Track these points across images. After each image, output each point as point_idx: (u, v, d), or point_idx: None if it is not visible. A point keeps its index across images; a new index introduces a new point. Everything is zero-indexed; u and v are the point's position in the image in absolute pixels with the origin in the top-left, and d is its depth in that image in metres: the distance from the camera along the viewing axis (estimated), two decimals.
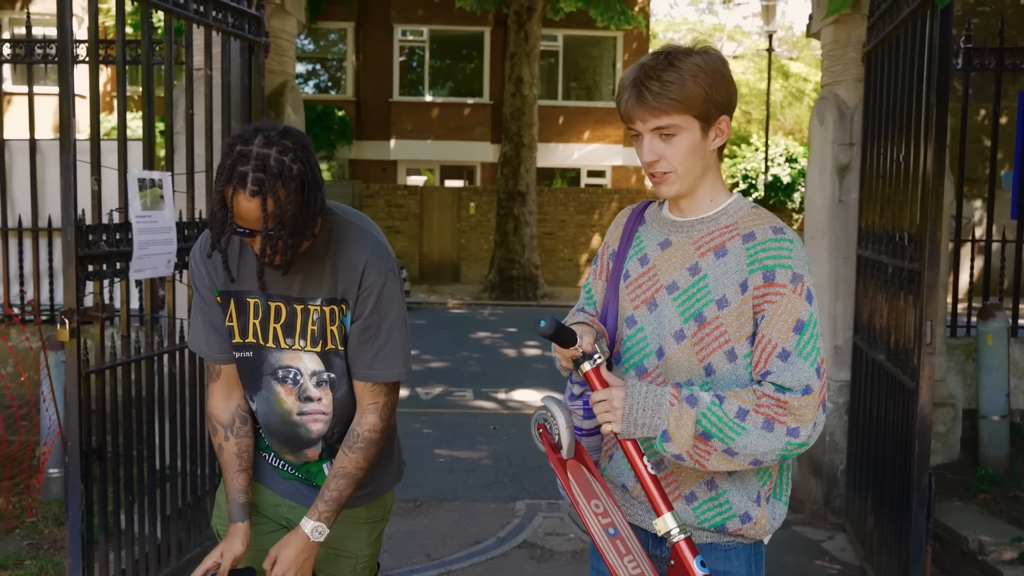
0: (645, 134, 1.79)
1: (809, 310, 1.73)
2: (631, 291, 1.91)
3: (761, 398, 1.69)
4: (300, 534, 2.08)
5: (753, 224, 1.81)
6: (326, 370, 2.10)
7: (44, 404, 4.57)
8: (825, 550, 4.67)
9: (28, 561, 3.93)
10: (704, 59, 1.76)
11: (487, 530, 4.91)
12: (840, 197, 5.03)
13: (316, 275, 2.04)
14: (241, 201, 1.83)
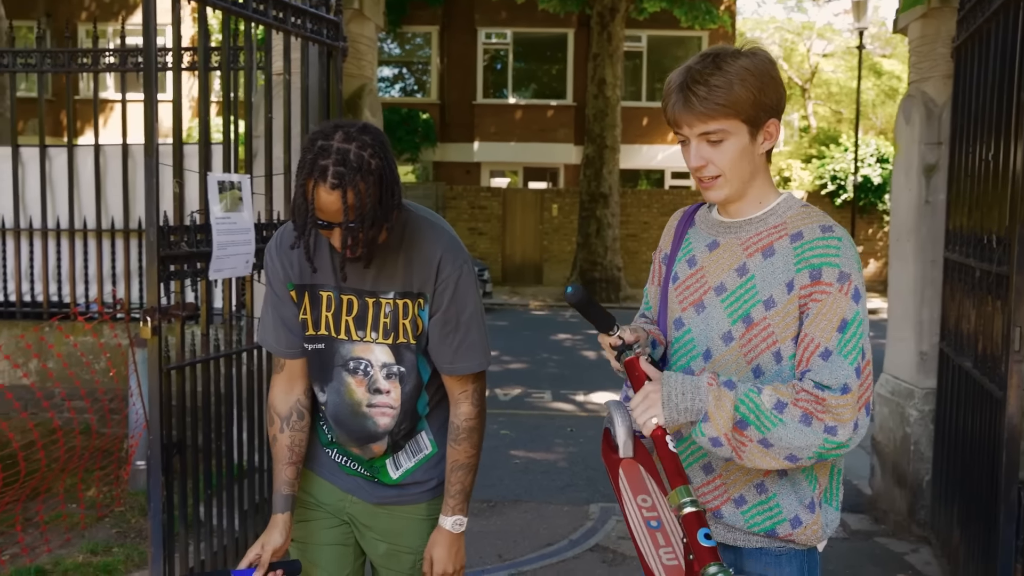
0: (692, 139, 1.76)
1: (855, 309, 1.68)
2: (679, 293, 1.89)
3: (800, 393, 1.65)
4: (443, 532, 2.19)
5: (802, 223, 1.76)
6: (396, 363, 2.12)
7: (132, 399, 4.74)
8: (908, 563, 4.51)
9: (116, 548, 4.08)
10: (752, 61, 1.72)
11: (559, 532, 4.89)
12: (927, 198, 4.86)
13: (389, 269, 2.08)
14: (322, 194, 1.87)
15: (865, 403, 1.66)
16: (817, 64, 28.93)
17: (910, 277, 4.98)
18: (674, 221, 2.02)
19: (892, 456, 5.11)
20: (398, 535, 2.25)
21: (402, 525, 2.25)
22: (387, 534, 2.27)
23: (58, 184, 5.96)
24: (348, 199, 1.86)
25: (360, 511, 2.26)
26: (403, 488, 2.24)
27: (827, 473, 1.81)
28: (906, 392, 5.00)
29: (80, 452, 4.93)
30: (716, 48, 1.78)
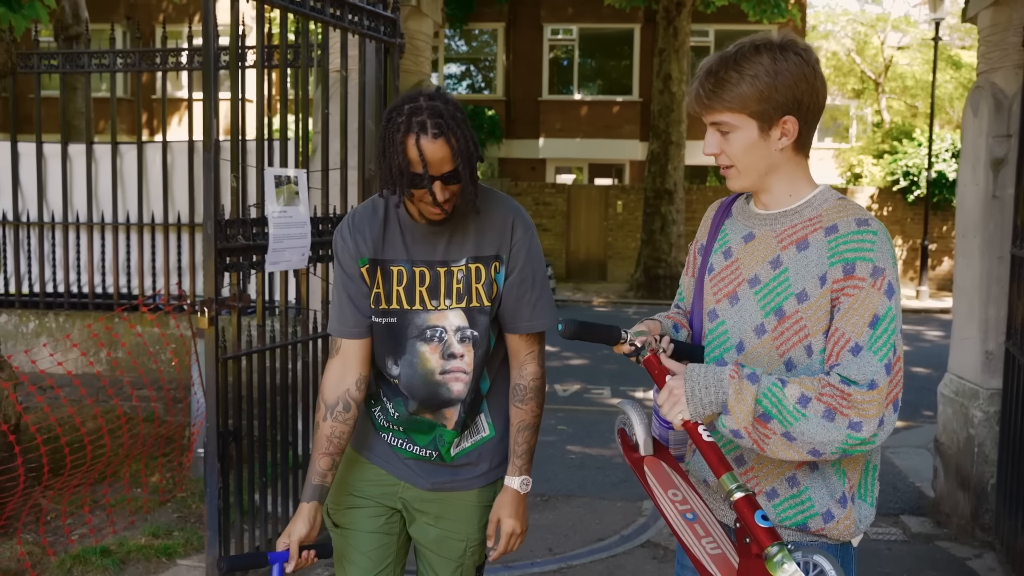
0: (708, 127, 1.81)
1: (887, 305, 1.65)
2: (714, 284, 1.89)
3: (825, 387, 1.63)
4: (510, 491, 2.25)
5: (837, 216, 1.74)
6: (470, 327, 2.18)
7: (194, 388, 4.88)
8: (970, 568, 4.39)
9: (176, 532, 4.21)
10: (773, 57, 1.72)
11: (611, 528, 4.89)
12: (994, 192, 4.71)
13: (459, 236, 2.15)
14: (425, 145, 1.95)
15: (893, 400, 1.64)
16: (891, 57, 28.17)
17: (976, 274, 4.84)
18: (711, 212, 2.02)
19: (956, 458, 4.97)
20: (450, 521, 2.30)
21: (454, 511, 2.29)
22: (439, 520, 2.30)
23: (128, 180, 6.16)
24: (452, 143, 1.97)
25: (413, 497, 2.30)
26: (456, 472, 2.28)
27: (860, 468, 1.79)
28: (971, 392, 4.86)
29: (144, 439, 5.10)
30: (756, 39, 1.77)
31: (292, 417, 4.16)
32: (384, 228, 2.16)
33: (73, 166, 6.20)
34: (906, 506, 5.38)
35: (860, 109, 30.99)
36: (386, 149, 1.99)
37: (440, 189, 2.00)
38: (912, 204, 19.06)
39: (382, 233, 2.17)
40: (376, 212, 2.17)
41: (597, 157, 22.49)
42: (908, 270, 19.40)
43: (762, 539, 1.55)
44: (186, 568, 3.91)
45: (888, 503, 5.43)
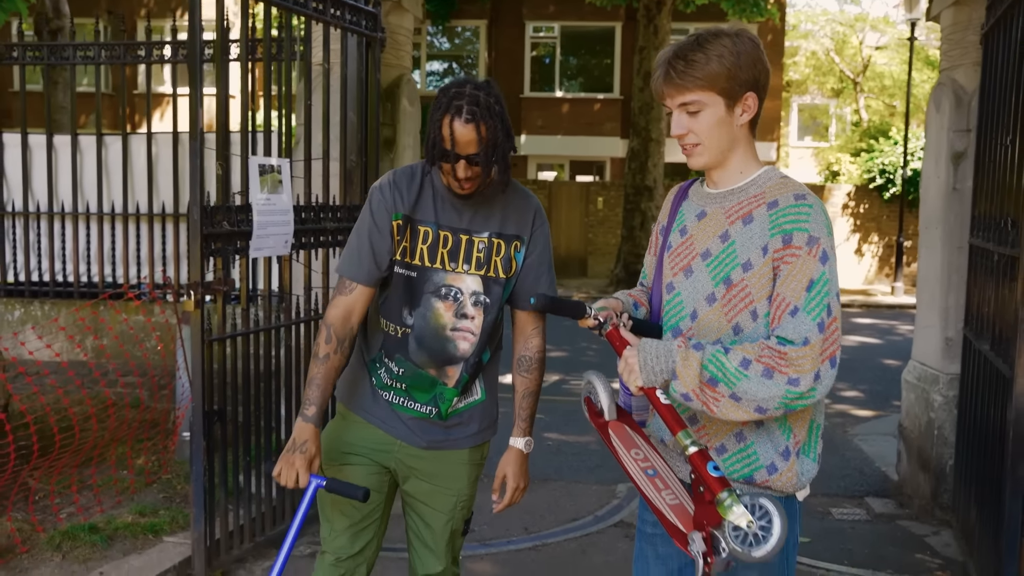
0: (674, 110, 1.94)
1: (821, 270, 1.81)
2: (671, 260, 2.06)
3: (764, 350, 1.79)
4: (515, 451, 2.50)
5: (778, 193, 1.90)
6: (484, 293, 2.40)
7: (179, 373, 4.99)
8: (928, 545, 4.57)
9: (162, 511, 4.33)
10: (733, 40, 1.89)
11: (585, 509, 5.04)
12: (955, 185, 4.89)
13: (484, 212, 2.40)
14: (458, 127, 2.20)
15: (830, 356, 1.79)
16: (870, 57, 28.50)
17: (937, 264, 5.02)
18: (671, 196, 2.18)
19: (917, 441, 5.16)
20: (442, 477, 2.50)
21: (446, 468, 2.49)
22: (431, 476, 2.50)
23: (113, 171, 6.25)
24: (481, 132, 2.20)
25: (407, 455, 2.48)
26: (449, 432, 2.48)
27: (804, 426, 1.94)
28: (931, 378, 5.04)
29: (130, 424, 5.20)
30: (706, 30, 1.94)
31: (276, 401, 4.28)
32: (419, 191, 2.39)
33: (58, 157, 6.28)
34: (871, 489, 5.56)
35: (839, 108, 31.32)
36: (430, 122, 2.25)
37: (463, 167, 2.24)
38: (888, 201, 19.33)
39: (417, 195, 2.38)
40: (415, 177, 2.41)
41: (578, 154, 22.66)
42: (883, 267, 19.67)
43: (714, 486, 1.72)
44: (172, 544, 4.02)
45: (854, 486, 5.61)
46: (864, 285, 19.41)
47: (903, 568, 4.27)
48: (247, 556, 4.10)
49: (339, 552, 2.51)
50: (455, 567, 2.66)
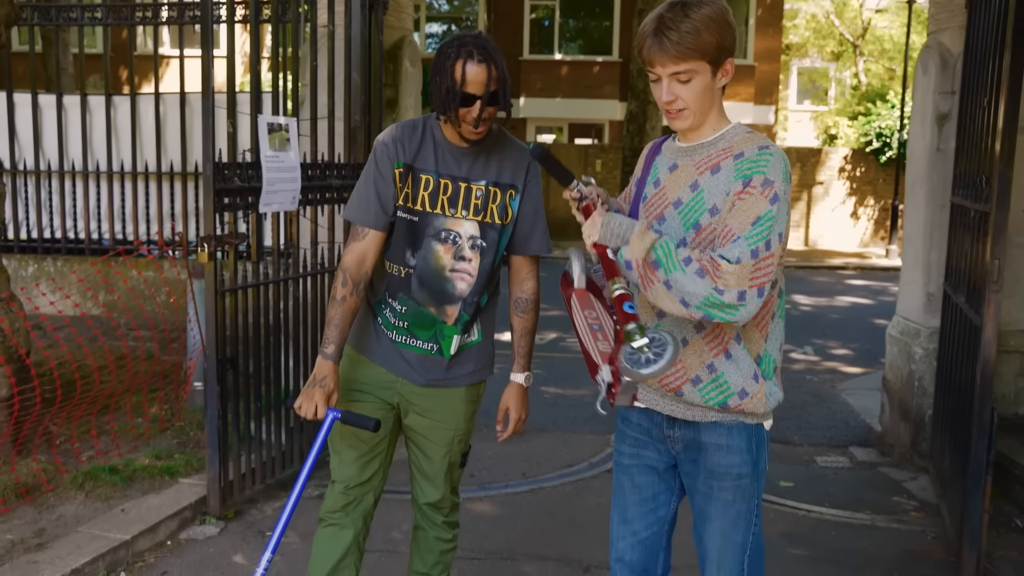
0: (664, 78, 2.05)
1: (768, 208, 1.97)
2: (646, 209, 2.22)
3: (705, 257, 1.97)
4: (515, 386, 2.72)
5: (744, 145, 2.07)
6: (480, 237, 2.58)
7: (190, 325, 5.19)
8: (905, 489, 4.80)
9: (176, 455, 4.54)
10: (712, 9, 2.01)
11: (580, 456, 5.26)
12: (939, 145, 5.06)
13: (482, 162, 2.56)
14: (470, 68, 2.36)
15: (758, 285, 1.95)
16: (870, 20, 28.41)
17: (921, 221, 5.21)
18: (645, 151, 2.35)
19: (899, 393, 5.38)
20: (440, 413, 2.70)
21: (444, 404, 2.69)
22: (430, 412, 2.70)
23: (122, 131, 6.40)
24: (492, 71, 2.38)
25: (409, 392, 2.68)
26: (449, 371, 2.67)
27: (759, 353, 2.13)
28: (913, 331, 5.25)
29: (141, 377, 5.41)
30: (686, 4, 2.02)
31: (284, 352, 4.47)
32: (421, 142, 2.56)
33: (68, 117, 6.43)
34: (855, 439, 5.79)
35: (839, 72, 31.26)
36: (436, 76, 2.40)
37: (478, 108, 2.39)
38: (884, 165, 19.44)
39: (419, 146, 2.56)
40: (416, 129, 2.57)
41: (577, 117, 22.70)
42: (879, 230, 19.83)
43: (623, 319, 1.92)
44: (187, 485, 4.24)
45: (839, 437, 5.84)
46: (859, 248, 19.58)
47: (880, 510, 4.50)
48: (258, 497, 4.33)
49: (348, 481, 2.71)
50: (454, 496, 2.88)
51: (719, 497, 2.19)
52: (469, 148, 2.55)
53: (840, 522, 4.36)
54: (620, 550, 2.36)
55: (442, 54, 2.41)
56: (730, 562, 2.22)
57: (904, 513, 4.47)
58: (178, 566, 3.68)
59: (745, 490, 2.19)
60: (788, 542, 4.09)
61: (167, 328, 5.85)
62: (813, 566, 3.86)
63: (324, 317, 4.58)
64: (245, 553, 3.80)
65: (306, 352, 4.59)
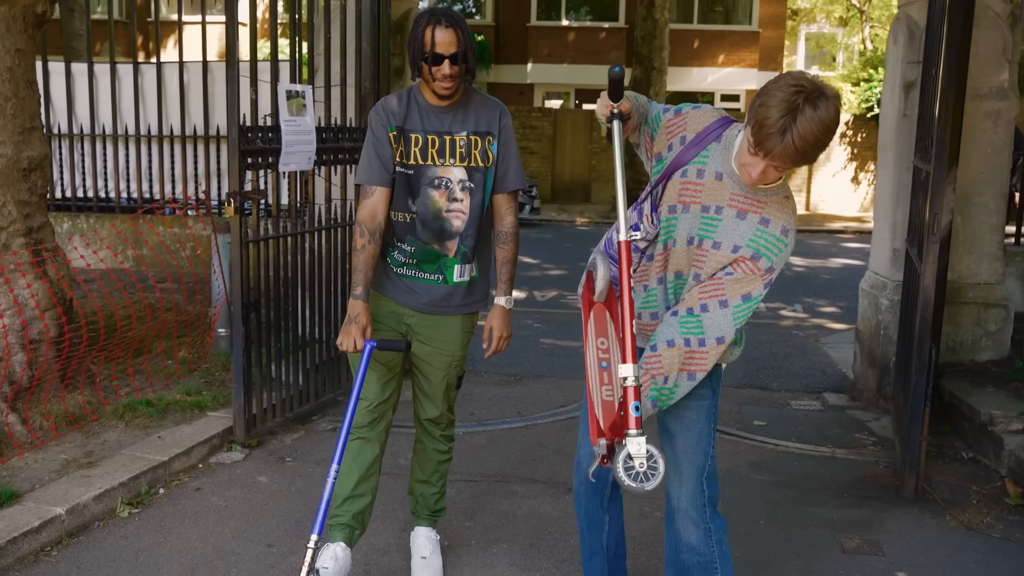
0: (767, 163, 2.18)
1: (760, 293, 2.30)
2: (682, 187, 2.40)
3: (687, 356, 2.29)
4: (498, 308, 3.15)
5: (774, 214, 2.31)
6: (468, 180, 3.01)
7: (214, 276, 5.66)
8: (868, 427, 5.26)
9: (204, 392, 5.03)
10: (836, 110, 2.10)
11: (571, 398, 5.73)
12: (905, 112, 5.45)
13: (460, 116, 3.00)
14: (439, 32, 2.80)
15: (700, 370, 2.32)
16: None
17: (889, 183, 5.61)
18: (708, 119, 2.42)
19: (868, 342, 5.81)
20: (439, 341, 3.16)
21: (443, 333, 3.15)
22: (431, 340, 3.16)
23: (148, 97, 6.84)
24: (458, 35, 2.81)
25: (415, 321, 3.14)
26: (449, 300, 3.11)
27: None
28: (881, 285, 5.68)
29: (170, 324, 5.90)
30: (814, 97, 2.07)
31: (302, 299, 4.94)
32: (407, 108, 3.01)
33: (98, 84, 6.87)
34: (829, 386, 6.23)
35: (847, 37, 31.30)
36: (411, 41, 2.86)
37: (447, 66, 2.83)
38: None
39: (405, 111, 3.00)
40: (401, 98, 3.01)
41: (584, 82, 22.97)
42: None
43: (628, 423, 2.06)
44: (215, 418, 4.73)
45: (814, 384, 6.28)
46: (860, 212, 19.90)
47: (841, 444, 4.96)
48: (277, 429, 4.82)
49: (373, 399, 3.16)
50: (450, 413, 3.34)
51: (684, 416, 2.53)
52: (448, 106, 2.97)
53: (803, 454, 4.82)
54: (581, 456, 2.77)
55: (416, 23, 2.84)
56: (690, 475, 2.57)
57: (863, 447, 4.93)
58: (209, 484, 4.17)
59: (707, 411, 2.55)
60: (753, 470, 4.56)
61: (194, 280, 6.33)
62: (774, 489, 4.32)
63: (337, 268, 5.08)
64: (267, 475, 4.29)
65: (321, 299, 5.05)
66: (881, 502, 4.15)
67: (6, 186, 4.52)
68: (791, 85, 2.08)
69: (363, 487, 3.16)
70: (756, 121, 2.11)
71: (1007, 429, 4.43)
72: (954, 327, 5.49)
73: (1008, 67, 5.29)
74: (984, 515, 3.99)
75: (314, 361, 5.09)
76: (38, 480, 3.86)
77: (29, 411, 4.40)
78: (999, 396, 4.85)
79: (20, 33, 4.55)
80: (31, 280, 4.55)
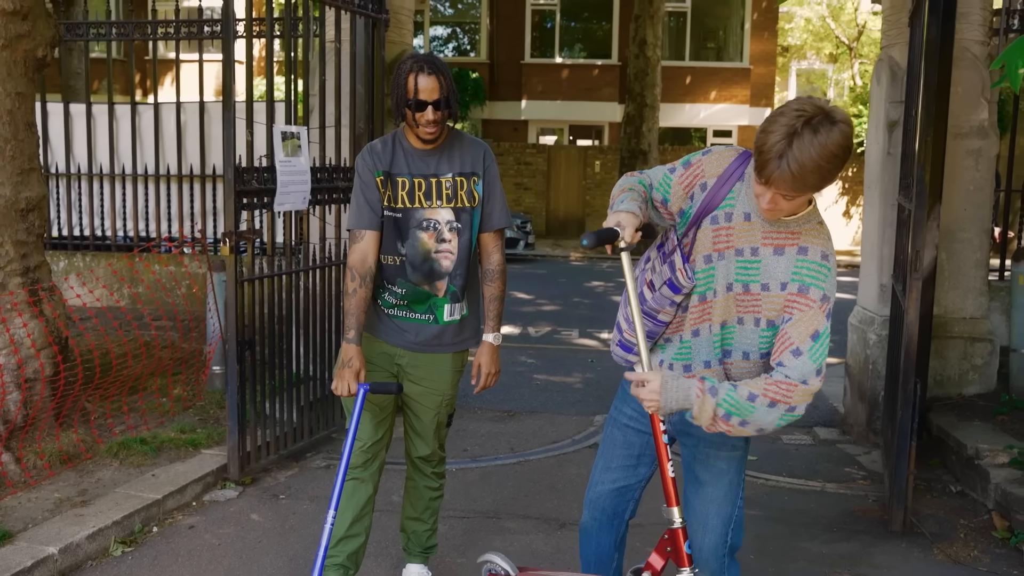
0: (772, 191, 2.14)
1: (826, 325, 2.20)
2: (714, 235, 2.34)
3: (770, 384, 2.20)
4: (487, 344, 3.22)
5: (811, 241, 2.25)
6: (456, 220, 3.09)
7: (208, 314, 5.72)
8: (858, 461, 5.30)
9: (199, 430, 5.07)
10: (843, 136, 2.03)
11: (565, 434, 5.77)
12: (889, 150, 5.56)
13: (446, 159, 3.08)
14: (422, 80, 2.89)
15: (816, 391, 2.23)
16: (865, 23, 28.87)
17: (875, 220, 5.70)
18: (725, 160, 2.36)
19: (858, 376, 5.87)
20: (430, 380, 3.21)
21: (434, 373, 3.20)
22: (422, 380, 3.21)
23: (146, 136, 6.94)
24: (441, 81, 2.91)
25: (406, 362, 3.19)
26: (440, 338, 3.17)
27: None
28: (869, 320, 5.75)
29: (166, 362, 5.95)
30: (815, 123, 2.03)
31: (296, 337, 4.99)
32: (393, 153, 3.09)
33: (96, 124, 6.97)
34: (820, 420, 6.28)
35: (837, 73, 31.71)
36: (394, 87, 2.94)
37: (431, 112, 2.92)
38: None
39: (391, 156, 3.08)
40: (387, 143, 3.11)
41: (577, 119, 23.20)
42: None
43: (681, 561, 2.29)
44: (209, 455, 4.76)
45: (806, 418, 6.27)
46: (851, 246, 20.02)
47: (831, 478, 5.01)
48: (271, 466, 4.85)
49: (367, 439, 3.21)
50: (441, 451, 3.39)
51: (715, 466, 2.52)
52: (432, 149, 3.06)
53: (794, 488, 4.86)
54: (598, 492, 2.71)
55: (398, 70, 2.94)
56: (715, 526, 2.53)
57: (852, 481, 4.97)
58: (203, 522, 4.19)
59: (737, 462, 2.54)
60: (744, 505, 4.58)
61: (188, 317, 6.38)
62: (763, 524, 4.35)
63: (331, 306, 5.15)
64: (261, 512, 4.32)
65: (316, 336, 5.11)
66: (870, 536, 4.19)
67: (4, 226, 4.59)
68: (795, 110, 2.06)
69: (357, 527, 3.20)
70: (756, 147, 2.10)
71: (993, 463, 4.48)
72: (941, 361, 5.56)
73: (988, 106, 5.41)
74: (971, 548, 4.03)
75: (308, 398, 5.13)
76: (31, 519, 3.89)
77: (23, 450, 4.43)
78: (986, 430, 4.91)
79: (21, 77, 4.64)
80: (27, 319, 4.60)
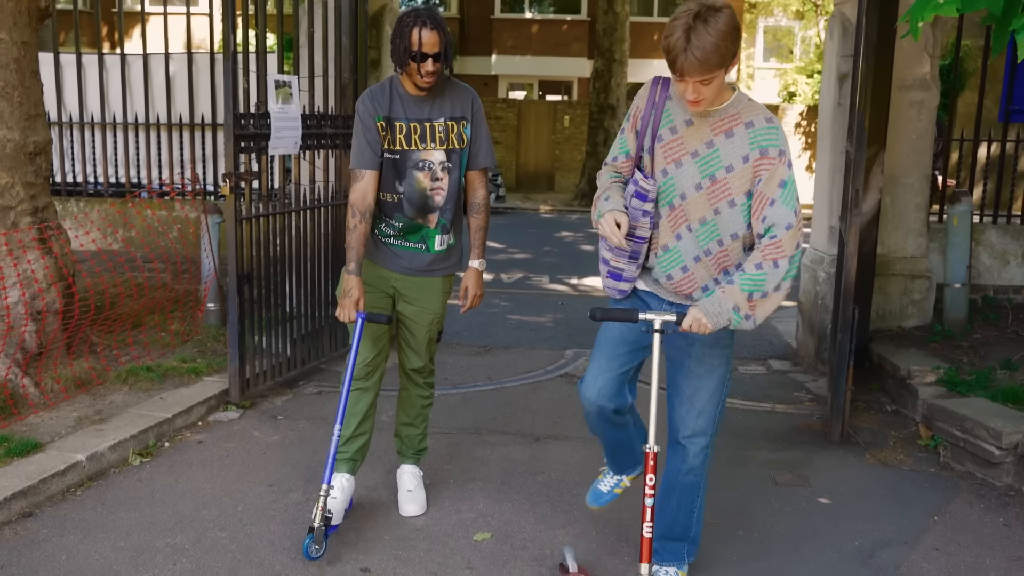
0: (691, 83, 2.47)
1: (789, 173, 2.55)
2: (665, 150, 2.69)
3: (766, 249, 2.52)
4: (472, 269, 3.57)
5: (751, 115, 2.60)
6: (447, 161, 3.43)
7: (203, 255, 6.06)
8: (806, 387, 5.81)
9: (199, 360, 5.44)
10: (728, 18, 2.41)
11: (538, 365, 6.21)
12: (839, 101, 5.99)
13: (438, 105, 3.40)
14: (425, 33, 3.19)
15: (800, 233, 2.54)
16: None
17: (826, 166, 6.15)
18: (653, 89, 2.73)
19: (808, 312, 6.36)
20: (422, 300, 3.60)
21: (425, 294, 3.59)
22: (416, 300, 3.60)
23: (135, 86, 7.20)
24: (441, 36, 3.21)
25: (401, 284, 3.58)
26: (431, 265, 3.55)
27: None
28: (819, 259, 6.23)
29: (161, 301, 6.29)
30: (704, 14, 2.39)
31: (289, 272, 5.36)
32: (390, 99, 3.41)
33: (86, 74, 7.21)
34: (775, 354, 6.77)
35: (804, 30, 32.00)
36: (397, 38, 3.24)
37: (430, 64, 3.24)
38: None
39: (389, 102, 3.40)
40: (384, 89, 3.41)
41: (547, 74, 23.46)
42: None
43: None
44: (211, 382, 5.14)
45: (761, 352, 6.81)
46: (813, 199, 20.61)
47: (782, 401, 5.50)
48: (268, 392, 5.25)
49: (367, 356, 3.61)
50: (431, 364, 3.80)
51: (708, 361, 2.85)
52: (426, 96, 3.38)
53: (746, 409, 5.34)
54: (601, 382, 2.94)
55: (402, 22, 3.23)
56: (707, 410, 2.89)
57: (800, 403, 5.47)
58: (210, 438, 4.59)
59: (727, 358, 2.89)
60: None
61: (177, 260, 6.72)
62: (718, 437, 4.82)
63: (320, 246, 5.51)
64: (261, 430, 4.72)
65: (305, 273, 5.48)
66: (812, 446, 4.69)
67: (14, 169, 4.90)
68: (684, 11, 2.45)
69: (363, 427, 3.64)
70: (664, 49, 2.45)
71: (922, 382, 4.99)
72: (884, 297, 6.05)
73: (930, 61, 5.84)
74: (899, 454, 4.54)
75: (300, 332, 5.51)
76: (56, 434, 4.27)
77: (41, 375, 4.79)
78: (919, 355, 5.42)
79: (25, 27, 4.92)
80: (39, 256, 4.94)
